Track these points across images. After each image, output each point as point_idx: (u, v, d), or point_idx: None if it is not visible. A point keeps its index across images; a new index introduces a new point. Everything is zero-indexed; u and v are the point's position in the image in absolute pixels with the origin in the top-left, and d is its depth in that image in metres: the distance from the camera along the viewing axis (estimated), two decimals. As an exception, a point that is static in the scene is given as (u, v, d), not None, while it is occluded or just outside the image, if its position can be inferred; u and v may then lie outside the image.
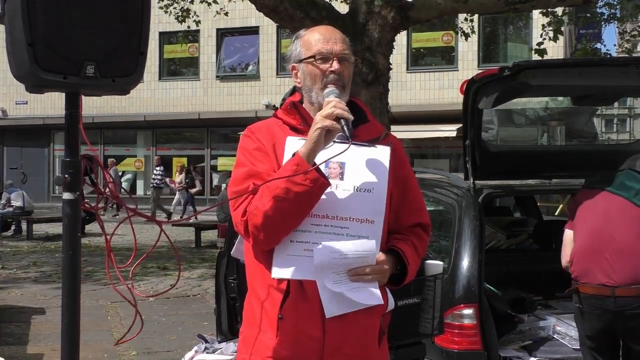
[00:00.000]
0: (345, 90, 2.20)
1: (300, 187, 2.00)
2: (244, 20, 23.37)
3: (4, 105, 27.35)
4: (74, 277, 2.10)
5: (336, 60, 2.18)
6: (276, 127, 2.24)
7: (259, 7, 8.82)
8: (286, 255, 2.08)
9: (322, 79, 2.19)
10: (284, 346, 2.10)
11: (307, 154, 2.03)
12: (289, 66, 2.31)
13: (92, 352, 5.70)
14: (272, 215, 2.02)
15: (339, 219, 2.10)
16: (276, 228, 2.06)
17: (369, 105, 8.52)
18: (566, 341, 3.76)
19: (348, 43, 2.28)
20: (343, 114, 2.04)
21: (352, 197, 2.12)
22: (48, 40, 1.90)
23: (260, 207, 2.03)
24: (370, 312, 2.14)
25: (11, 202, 15.64)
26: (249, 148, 2.20)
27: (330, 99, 2.11)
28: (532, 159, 4.63)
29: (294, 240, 2.09)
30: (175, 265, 10.85)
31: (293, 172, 2.00)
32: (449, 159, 22.62)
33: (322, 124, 2.02)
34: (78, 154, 2.09)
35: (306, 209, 2.06)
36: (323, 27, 2.31)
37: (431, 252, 4.13)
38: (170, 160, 26.43)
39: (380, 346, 2.24)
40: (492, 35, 22.70)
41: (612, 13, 11.69)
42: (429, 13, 9.28)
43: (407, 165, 2.35)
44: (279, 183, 2.01)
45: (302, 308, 2.09)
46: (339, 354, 2.11)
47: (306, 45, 2.24)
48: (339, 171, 2.13)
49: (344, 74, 2.20)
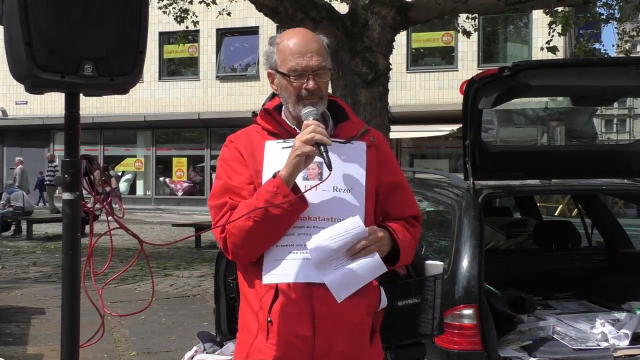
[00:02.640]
0: (322, 100, 2.21)
1: (278, 210, 2.04)
2: (244, 20, 23.38)
3: (4, 105, 27.37)
4: (74, 277, 2.09)
5: (311, 78, 2.17)
6: (255, 134, 2.27)
7: (259, 7, 8.82)
8: (274, 261, 2.11)
9: (297, 94, 2.19)
10: (275, 349, 2.11)
11: (287, 177, 2.07)
12: (266, 71, 2.31)
13: (92, 352, 5.70)
14: (250, 234, 2.08)
15: (322, 220, 2.12)
16: (254, 245, 2.11)
17: (368, 105, 8.56)
18: (566, 341, 3.75)
19: (325, 48, 2.24)
20: (322, 140, 2.05)
21: (331, 196, 2.14)
22: (46, 39, 1.89)
23: (238, 225, 2.08)
24: (361, 310, 2.15)
25: (11, 202, 15.66)
26: (226, 159, 2.25)
27: (308, 122, 2.11)
28: (532, 159, 4.63)
29: (279, 245, 2.12)
30: (175, 265, 10.85)
31: (272, 194, 2.04)
32: (449, 159, 22.64)
33: (301, 150, 2.05)
34: (78, 154, 2.09)
35: (284, 227, 2.10)
36: (299, 35, 2.24)
37: (431, 252, 4.14)
38: (170, 160, 26.47)
39: (373, 344, 2.23)
40: (492, 35, 22.70)
41: (611, 13, 11.69)
42: (429, 13, 9.29)
43: (391, 159, 2.35)
44: (258, 204, 2.05)
45: (290, 310, 2.09)
46: (330, 353, 2.11)
47: (282, 55, 2.21)
48: (317, 172, 2.16)
49: (321, 87, 2.20)
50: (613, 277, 4.79)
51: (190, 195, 25.96)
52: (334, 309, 2.10)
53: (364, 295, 2.16)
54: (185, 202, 25.41)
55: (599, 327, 3.82)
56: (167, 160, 26.53)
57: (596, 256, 5.10)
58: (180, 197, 26.10)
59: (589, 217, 5.47)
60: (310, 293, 2.09)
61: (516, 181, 4.43)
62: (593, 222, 5.39)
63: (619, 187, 4.75)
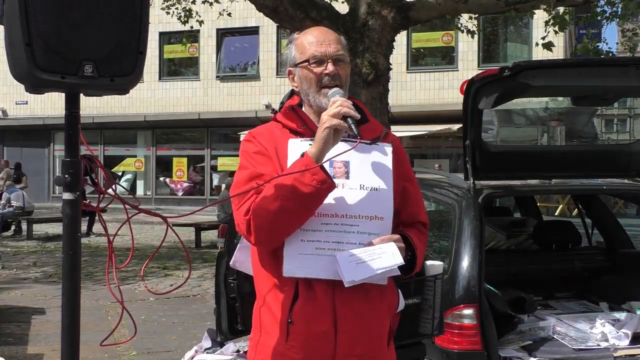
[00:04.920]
0: (344, 90, 2.19)
1: (307, 187, 1.98)
2: (244, 21, 23.38)
3: (4, 105, 27.38)
4: (74, 277, 2.09)
5: (331, 62, 2.17)
6: (277, 131, 2.23)
7: (259, 7, 8.83)
8: (297, 254, 2.07)
9: (317, 82, 2.18)
10: (295, 351, 2.08)
11: (316, 154, 2.02)
12: (286, 70, 2.31)
13: (92, 352, 5.70)
14: (276, 215, 2.00)
15: (348, 217, 2.10)
16: (279, 228, 2.04)
17: (368, 105, 8.55)
18: (566, 341, 3.75)
19: (343, 43, 2.26)
20: (349, 112, 2.04)
21: (359, 195, 2.12)
22: (46, 40, 1.89)
23: (264, 206, 2.01)
24: (381, 313, 2.14)
25: (11, 202, 15.66)
26: (250, 152, 2.19)
27: (335, 98, 2.10)
28: (532, 159, 4.63)
29: (305, 240, 2.07)
30: (175, 265, 10.84)
31: (301, 173, 1.99)
32: (449, 159, 22.64)
33: (329, 123, 2.01)
34: (78, 154, 2.08)
35: (311, 209, 2.05)
36: (316, 29, 2.28)
37: (431, 252, 4.14)
38: (170, 160, 26.48)
39: (389, 347, 2.23)
40: (492, 35, 22.71)
41: (614, 11, 11.65)
42: (429, 13, 9.29)
43: (407, 164, 2.36)
44: (286, 182, 1.99)
45: (312, 311, 2.06)
46: (350, 356, 2.09)
47: (300, 49, 2.23)
48: (344, 170, 2.13)
49: (340, 74, 2.20)
50: (613, 277, 4.79)
51: (190, 195, 25.97)
52: (356, 311, 2.08)
53: (384, 298, 2.15)
54: (186, 202, 25.40)
55: (599, 327, 3.82)
56: (167, 160, 26.55)
57: (596, 256, 5.10)
58: (180, 197, 26.10)
59: (589, 217, 5.47)
60: (333, 294, 2.06)
61: (516, 181, 4.43)
62: (593, 222, 5.39)
63: (619, 187, 4.75)
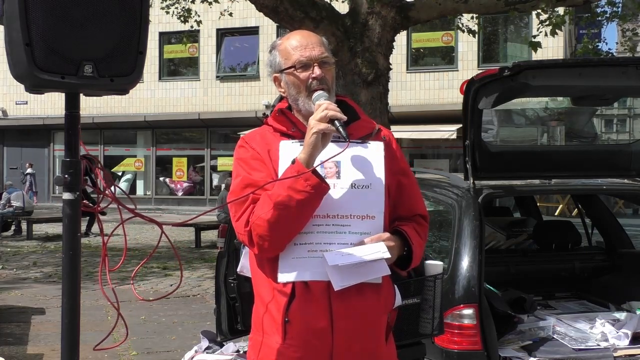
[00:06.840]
0: (330, 92, 2.21)
1: (301, 194, 2.01)
2: (244, 20, 23.37)
3: (4, 105, 27.37)
4: (74, 277, 2.09)
5: (317, 66, 2.18)
6: (269, 134, 2.25)
7: (259, 7, 8.82)
8: (291, 259, 2.09)
9: (305, 86, 2.19)
10: (294, 349, 2.10)
11: (306, 159, 2.04)
12: (271, 77, 2.31)
13: (92, 352, 5.70)
14: (275, 224, 2.03)
15: (340, 217, 2.11)
16: (280, 235, 2.07)
17: (368, 105, 8.55)
18: (566, 341, 3.75)
19: (326, 45, 2.27)
20: (336, 115, 2.05)
21: (350, 194, 2.13)
22: (46, 40, 1.89)
23: (263, 217, 2.05)
24: (378, 309, 2.15)
25: (11, 202, 15.66)
26: (244, 157, 2.22)
27: (320, 102, 2.12)
28: (532, 159, 4.63)
29: (297, 243, 2.09)
30: (176, 265, 10.85)
31: (293, 180, 2.01)
32: (449, 159, 22.64)
33: (317, 128, 2.03)
34: (78, 154, 2.08)
35: (308, 214, 2.07)
36: (298, 33, 2.29)
37: (431, 252, 4.14)
38: (170, 160, 26.48)
39: (388, 342, 2.24)
40: (492, 35, 22.70)
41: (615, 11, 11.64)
42: (429, 13, 9.29)
43: (401, 158, 2.35)
44: (281, 191, 2.02)
45: (308, 309, 2.08)
46: (348, 352, 2.10)
47: (284, 54, 2.23)
48: (335, 170, 2.14)
49: (327, 77, 2.20)
50: (613, 277, 4.79)
51: (190, 195, 25.97)
52: (352, 307, 2.09)
53: (380, 294, 2.16)
54: (186, 202, 25.41)
55: (599, 327, 3.82)
56: (167, 160, 26.54)
57: (596, 256, 5.10)
58: (180, 197, 26.11)
59: (589, 217, 5.47)
60: (329, 292, 2.08)
61: (516, 181, 4.43)
62: (593, 222, 5.39)
63: (619, 187, 4.75)
